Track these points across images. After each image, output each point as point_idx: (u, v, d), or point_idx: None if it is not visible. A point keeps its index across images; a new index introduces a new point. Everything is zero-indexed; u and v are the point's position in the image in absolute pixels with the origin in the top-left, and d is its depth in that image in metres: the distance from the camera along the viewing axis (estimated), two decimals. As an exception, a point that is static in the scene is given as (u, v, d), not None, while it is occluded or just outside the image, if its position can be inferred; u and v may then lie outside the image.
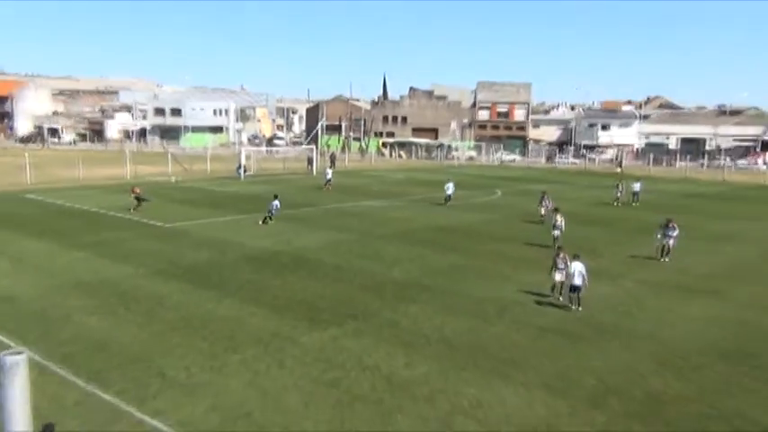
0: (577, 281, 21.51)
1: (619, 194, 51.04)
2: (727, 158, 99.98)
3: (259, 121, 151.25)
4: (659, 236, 30.11)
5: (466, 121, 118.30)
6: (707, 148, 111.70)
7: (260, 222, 36.98)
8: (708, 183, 74.02)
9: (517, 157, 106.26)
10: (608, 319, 21.15)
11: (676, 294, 24.85)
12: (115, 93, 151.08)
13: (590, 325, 20.50)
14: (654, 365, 17.59)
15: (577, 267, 21.66)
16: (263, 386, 15.50)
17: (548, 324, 20.64)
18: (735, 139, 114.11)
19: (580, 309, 21.60)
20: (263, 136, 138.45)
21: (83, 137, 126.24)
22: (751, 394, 15.94)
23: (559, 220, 32.30)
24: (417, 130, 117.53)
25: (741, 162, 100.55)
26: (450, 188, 47.91)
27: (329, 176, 57.10)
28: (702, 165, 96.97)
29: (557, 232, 31.94)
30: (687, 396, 15.73)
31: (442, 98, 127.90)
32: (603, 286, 23.83)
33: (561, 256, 22.82)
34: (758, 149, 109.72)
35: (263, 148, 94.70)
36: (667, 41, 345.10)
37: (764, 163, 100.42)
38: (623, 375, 16.83)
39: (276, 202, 37.58)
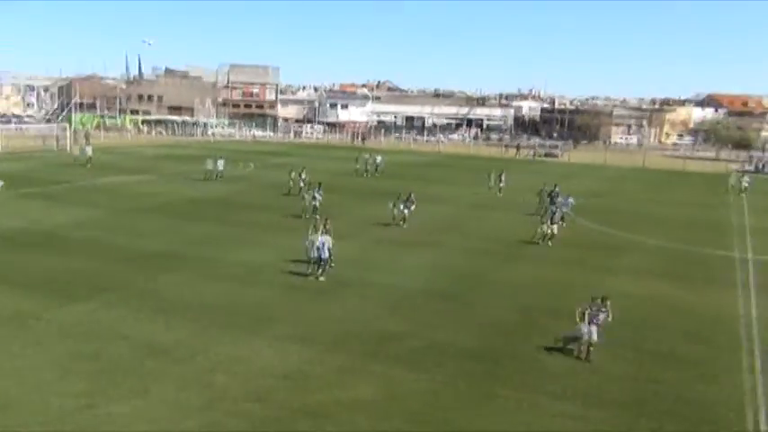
0: (324, 254, 21.26)
1: (367, 166, 53.14)
2: (441, 133, 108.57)
3: (7, 98, 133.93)
4: (401, 205, 31.15)
5: (220, 100, 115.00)
6: (426, 124, 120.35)
7: None
8: (426, 153, 79.62)
9: (268, 134, 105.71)
10: (348, 274, 21.94)
11: (403, 248, 26.55)
12: None
13: (332, 280, 21.13)
14: (384, 309, 18.71)
15: (326, 241, 21.46)
16: (17, 366, 13.95)
17: (296, 283, 20.96)
18: (447, 118, 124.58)
19: (322, 278, 21.20)
20: (12, 114, 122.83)
21: None
22: (457, 325, 17.65)
23: (318, 194, 32.40)
24: (173, 109, 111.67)
25: (451, 136, 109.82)
26: (220, 164, 45.90)
27: (90, 153, 52.17)
28: (423, 139, 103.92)
29: (316, 203, 32.08)
30: (410, 332, 16.98)
31: (197, 78, 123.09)
32: (345, 245, 24.41)
33: (327, 227, 22.47)
34: (464, 126, 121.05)
35: (12, 126, 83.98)
36: (393, 31, 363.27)
37: (469, 137, 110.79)
38: (360, 321, 17.69)
39: None
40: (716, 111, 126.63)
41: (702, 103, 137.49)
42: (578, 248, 27.66)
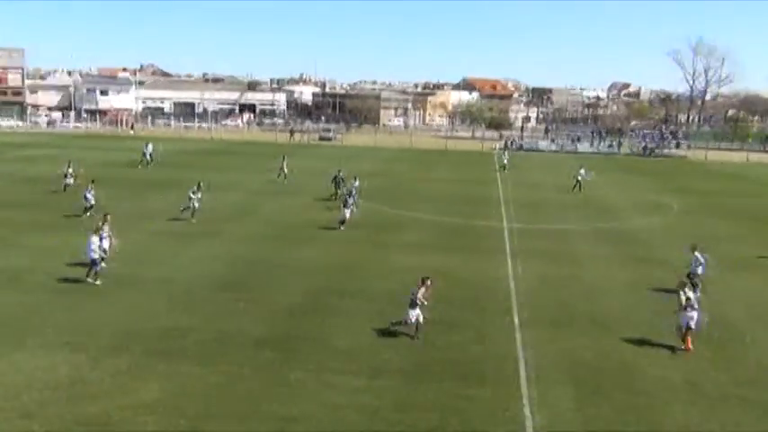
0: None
1: (150, 157, 48.70)
2: (218, 119, 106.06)
3: None
4: (197, 195, 29.59)
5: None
6: (200, 110, 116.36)
7: None
8: (203, 140, 77.21)
9: (17, 123, 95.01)
10: (122, 271, 20.54)
11: (186, 240, 25.62)
12: None
13: (106, 279, 19.67)
14: (167, 305, 17.97)
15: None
16: None
17: (65, 286, 19.31)
18: (222, 103, 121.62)
19: (98, 282, 19.43)
20: None
21: None
22: (244, 314, 17.58)
23: (89, 193, 29.39)
24: None
25: (228, 122, 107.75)
26: None
27: None
28: (198, 126, 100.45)
29: (91, 200, 29.07)
30: (195, 326, 16.55)
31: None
32: (123, 241, 21.64)
33: (106, 224, 20.56)
34: (246, 111, 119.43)
35: None
36: (157, 12, 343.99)
37: (252, 122, 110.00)
38: (141, 319, 16.81)
39: None
40: (480, 94, 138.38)
41: (467, 87, 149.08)
42: (363, 228, 28.65)
